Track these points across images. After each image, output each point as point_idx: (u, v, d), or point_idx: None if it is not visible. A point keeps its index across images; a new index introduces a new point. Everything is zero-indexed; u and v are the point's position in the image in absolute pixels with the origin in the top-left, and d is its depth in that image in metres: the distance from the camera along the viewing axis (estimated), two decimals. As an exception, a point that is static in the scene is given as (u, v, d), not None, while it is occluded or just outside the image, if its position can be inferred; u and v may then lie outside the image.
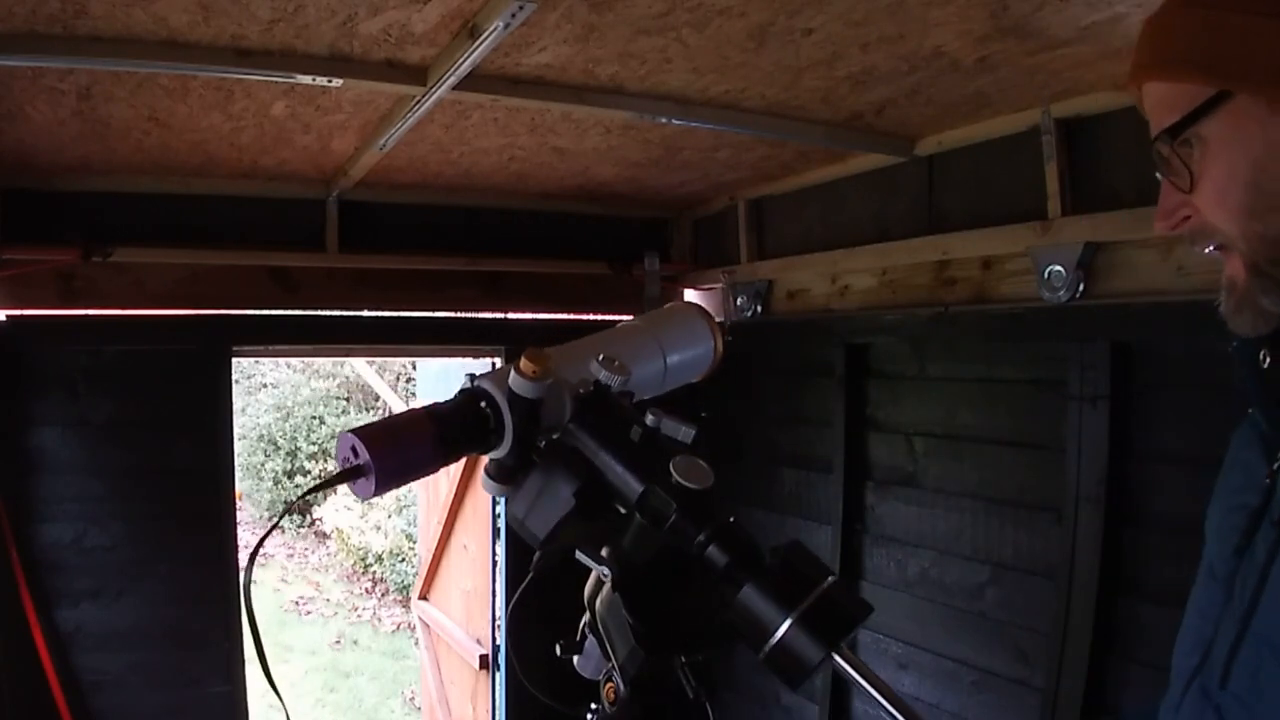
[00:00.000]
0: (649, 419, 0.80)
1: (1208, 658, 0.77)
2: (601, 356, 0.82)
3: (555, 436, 0.80)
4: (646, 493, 0.75)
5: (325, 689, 6.78)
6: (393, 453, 0.75)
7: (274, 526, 1.02)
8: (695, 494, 0.74)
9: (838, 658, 0.67)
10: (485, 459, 0.83)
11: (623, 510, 0.78)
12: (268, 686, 0.80)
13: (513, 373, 0.78)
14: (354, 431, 0.75)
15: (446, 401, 0.81)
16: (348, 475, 0.76)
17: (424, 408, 0.79)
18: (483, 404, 0.79)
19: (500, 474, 0.81)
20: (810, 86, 1.99)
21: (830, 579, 0.70)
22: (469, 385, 0.81)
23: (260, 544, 0.84)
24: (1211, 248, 0.76)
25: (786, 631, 0.67)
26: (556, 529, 0.77)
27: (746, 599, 0.69)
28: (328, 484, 0.80)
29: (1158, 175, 0.76)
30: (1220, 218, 0.73)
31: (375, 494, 0.75)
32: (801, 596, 0.68)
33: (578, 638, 0.86)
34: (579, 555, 0.79)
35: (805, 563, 0.71)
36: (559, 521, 0.76)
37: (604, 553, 0.79)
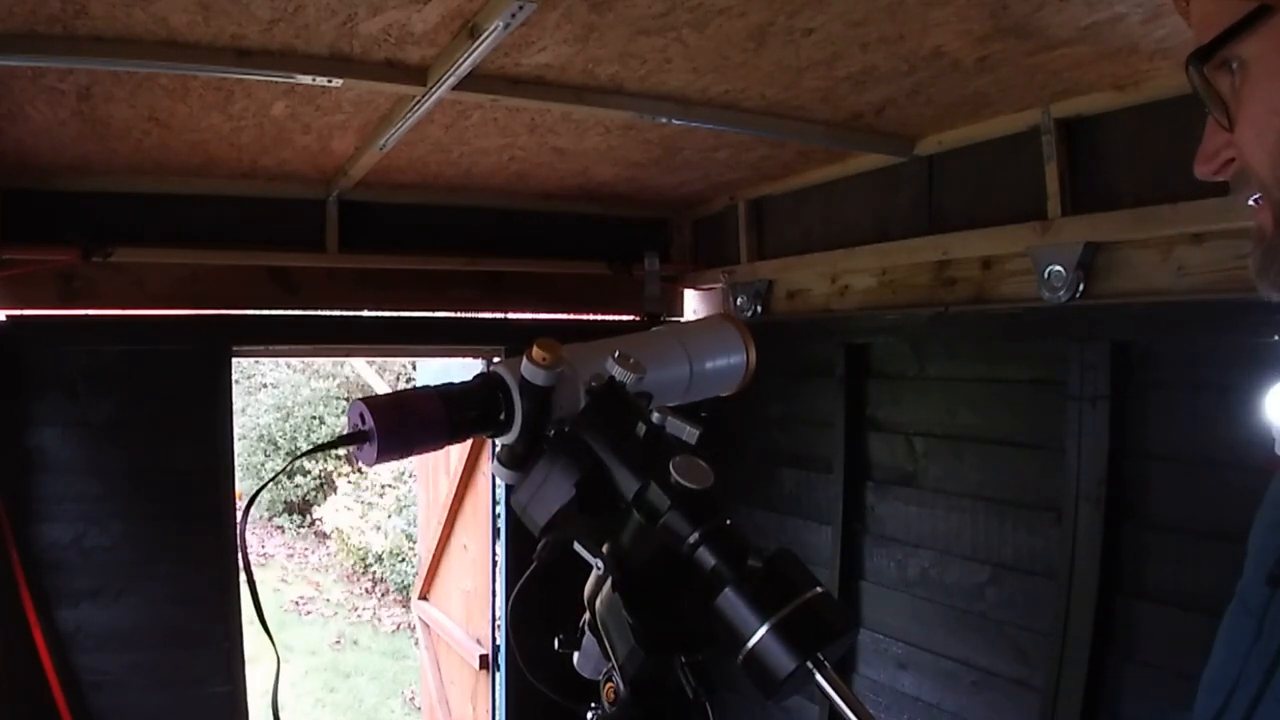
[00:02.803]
0: (654, 416, 0.80)
1: (1230, 702, 0.67)
2: (617, 353, 0.83)
3: (565, 428, 0.81)
4: (643, 489, 0.75)
5: (325, 689, 6.78)
6: (397, 423, 0.78)
7: (274, 478, 1.07)
8: (692, 493, 0.73)
9: (816, 674, 0.65)
10: (494, 446, 0.84)
11: (623, 506, 0.78)
12: (268, 688, 0.80)
13: (524, 359, 0.80)
14: (364, 400, 0.78)
15: (461, 383, 0.84)
16: (352, 439, 0.78)
17: (437, 386, 0.82)
18: (496, 388, 0.82)
19: (511, 460, 0.83)
20: (810, 86, 1.99)
21: (816, 589, 0.68)
22: (486, 368, 0.85)
23: (257, 494, 0.90)
24: (1256, 198, 0.64)
25: (761, 638, 0.65)
26: (556, 518, 0.77)
27: (724, 602, 0.68)
28: (332, 445, 0.83)
29: (1206, 111, 0.66)
30: (1256, 158, 0.61)
31: (377, 461, 0.78)
32: (781, 604, 0.66)
33: (576, 633, 0.86)
34: (576, 547, 0.80)
35: (791, 570, 0.69)
36: (558, 511, 0.77)
37: (605, 549, 0.79)
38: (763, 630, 0.65)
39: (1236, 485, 1.79)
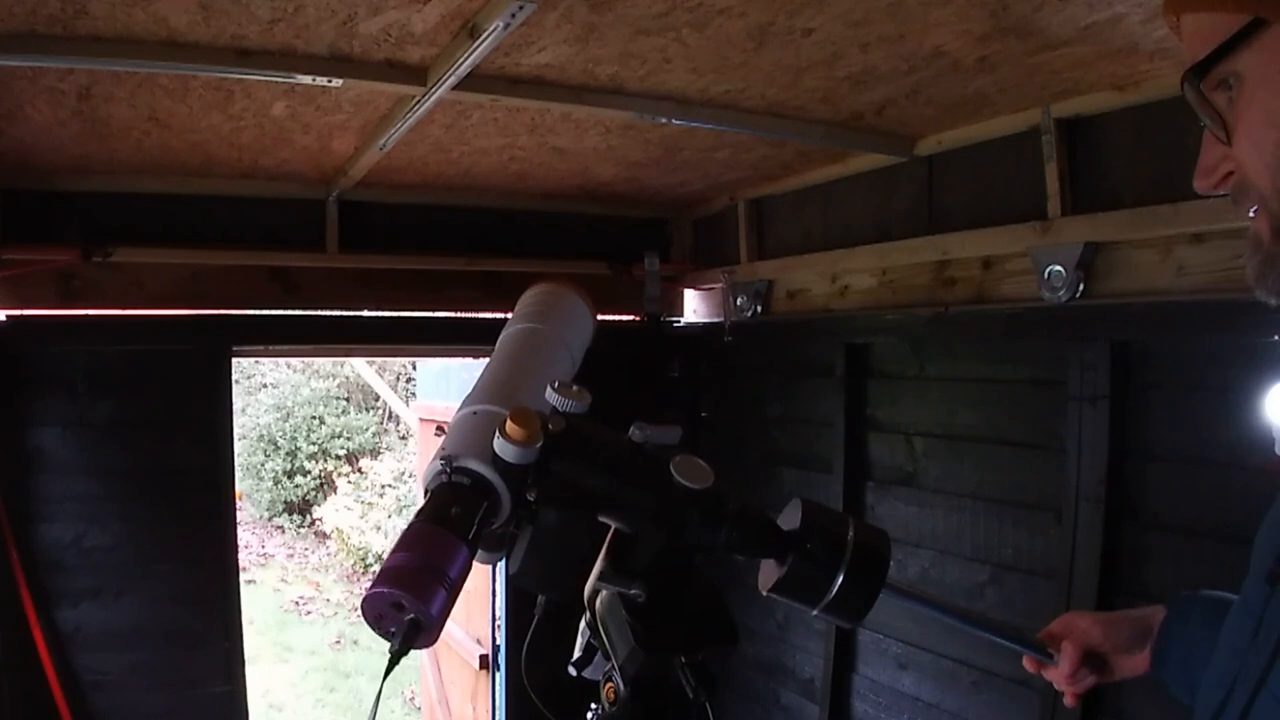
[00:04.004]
0: (634, 434, 0.79)
1: (1229, 698, 0.68)
2: (557, 384, 0.78)
3: (546, 486, 0.75)
4: (660, 506, 0.75)
5: (325, 689, 6.78)
6: (440, 589, 0.67)
7: (380, 692, 0.79)
8: (704, 493, 0.74)
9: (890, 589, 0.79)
10: None
11: (626, 529, 0.78)
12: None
13: (501, 441, 0.72)
14: (387, 587, 0.66)
15: (437, 501, 0.74)
16: (410, 639, 0.67)
17: (424, 523, 0.72)
18: (466, 481, 0.74)
19: (491, 542, 0.78)
20: (810, 86, 1.99)
21: (851, 524, 0.79)
22: (446, 469, 0.75)
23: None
24: (1255, 210, 0.64)
25: (841, 585, 0.76)
26: (580, 574, 0.76)
27: (793, 570, 0.77)
28: (395, 662, 0.69)
29: (1203, 125, 0.66)
30: (1255, 170, 0.62)
31: (438, 638, 0.69)
32: (840, 551, 0.77)
33: (583, 648, 0.86)
34: (603, 586, 0.78)
35: (824, 518, 0.80)
36: (581, 565, 0.76)
37: (599, 568, 0.79)
38: (840, 579, 0.76)
39: (1236, 485, 1.79)
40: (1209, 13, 0.63)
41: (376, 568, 7.78)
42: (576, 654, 0.86)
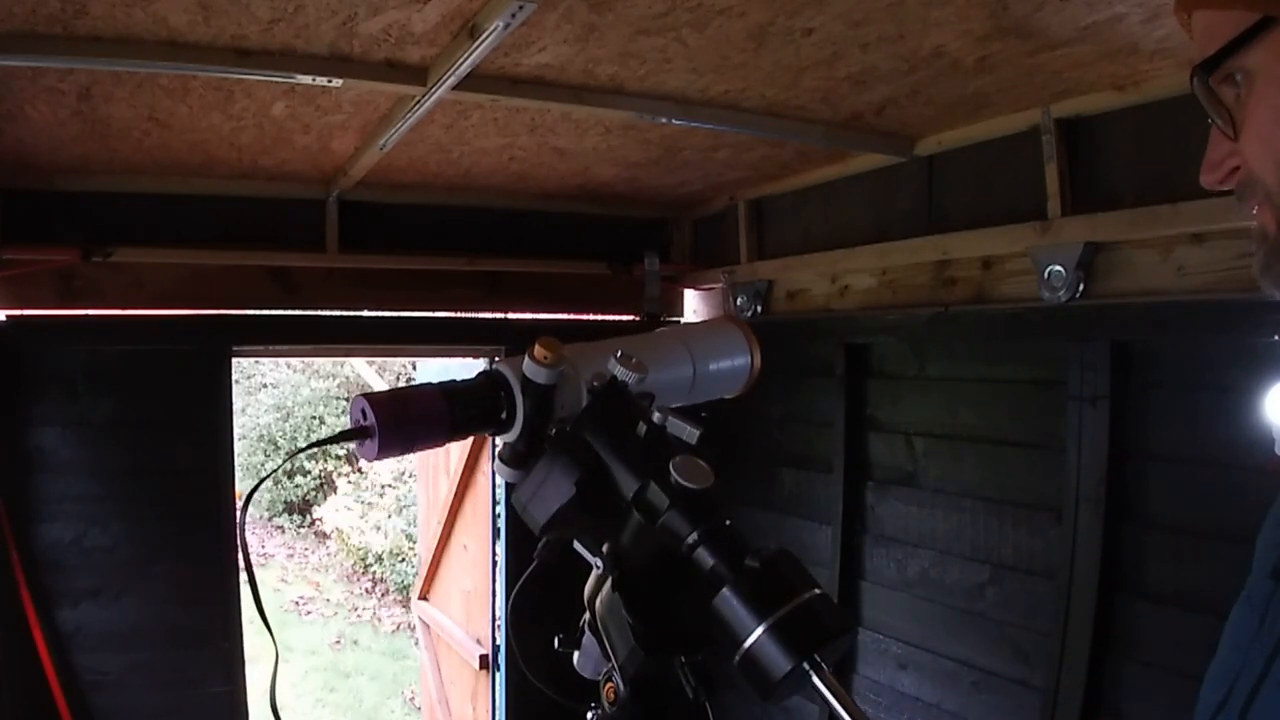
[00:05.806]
0: (655, 416, 0.80)
1: (1231, 693, 0.68)
2: (620, 353, 0.83)
3: (566, 427, 0.81)
4: (642, 488, 0.75)
5: (325, 689, 6.78)
6: (399, 419, 0.79)
7: (273, 473, 1.19)
8: (692, 493, 0.73)
9: (814, 676, 0.64)
10: (493, 445, 0.85)
11: (623, 506, 0.78)
12: (268, 687, 0.81)
13: (526, 358, 0.80)
14: (366, 395, 0.79)
15: (463, 380, 0.84)
16: (354, 434, 0.79)
17: (439, 383, 0.83)
18: (498, 386, 0.82)
19: (512, 459, 0.83)
20: (810, 86, 1.99)
21: (814, 590, 0.67)
22: (488, 369, 0.85)
23: (255, 489, 0.94)
24: (1258, 206, 0.65)
25: (758, 639, 0.65)
26: (555, 517, 0.77)
27: (722, 603, 0.67)
28: (334, 440, 0.84)
29: (1209, 121, 0.67)
30: (1262, 166, 0.62)
31: (378, 457, 0.78)
32: (778, 604, 0.65)
33: (576, 633, 0.86)
34: (576, 546, 0.80)
35: (789, 571, 0.69)
36: (558, 509, 0.77)
37: (605, 548, 0.79)
38: (759, 630, 0.65)
39: (1236, 485, 1.79)
40: (1220, 10, 0.63)
41: (376, 568, 7.76)
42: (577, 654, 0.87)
